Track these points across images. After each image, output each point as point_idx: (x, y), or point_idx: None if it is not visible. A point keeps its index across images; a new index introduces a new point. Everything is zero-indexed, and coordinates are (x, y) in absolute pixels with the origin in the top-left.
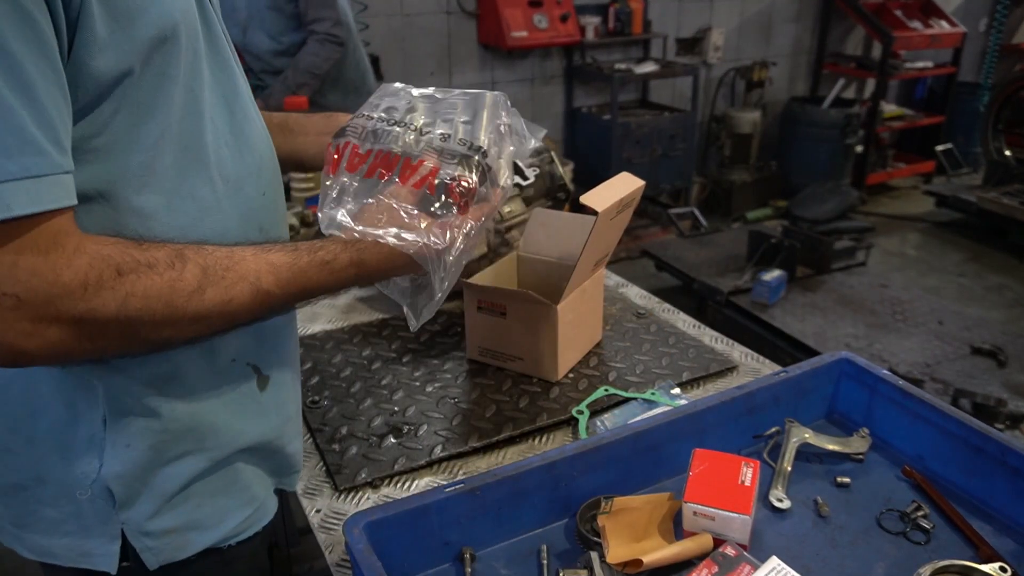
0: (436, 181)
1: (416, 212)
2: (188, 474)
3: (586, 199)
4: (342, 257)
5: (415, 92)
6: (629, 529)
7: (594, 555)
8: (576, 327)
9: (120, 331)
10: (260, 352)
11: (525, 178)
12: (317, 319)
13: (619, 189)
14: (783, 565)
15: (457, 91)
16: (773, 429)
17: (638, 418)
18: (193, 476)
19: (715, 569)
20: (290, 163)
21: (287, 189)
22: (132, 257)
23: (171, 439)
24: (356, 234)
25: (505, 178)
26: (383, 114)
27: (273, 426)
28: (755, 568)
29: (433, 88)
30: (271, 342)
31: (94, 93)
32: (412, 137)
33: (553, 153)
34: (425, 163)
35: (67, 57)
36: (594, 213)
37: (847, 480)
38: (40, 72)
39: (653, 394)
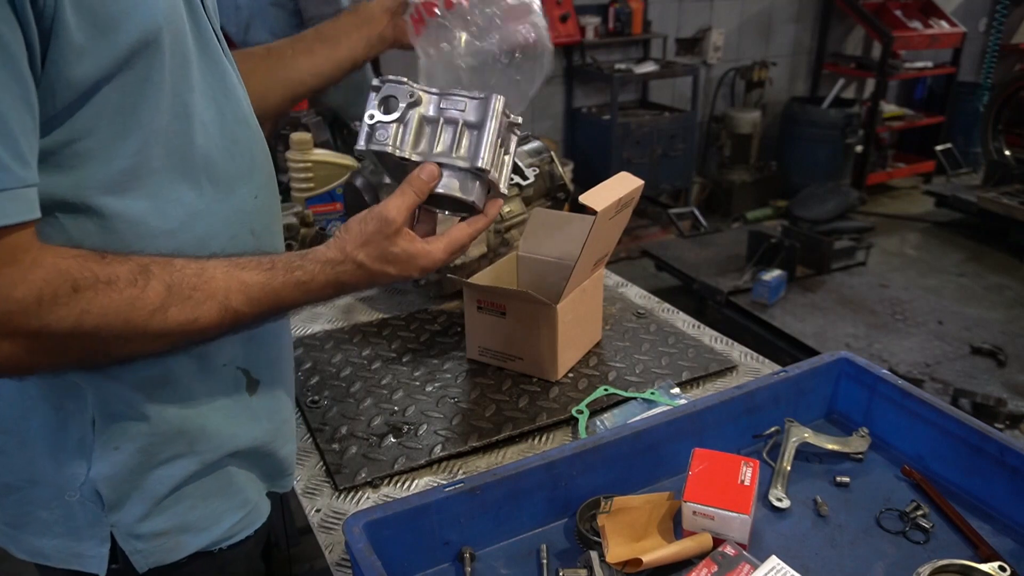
0: None
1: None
2: (179, 477)
3: (585, 198)
4: (320, 278)
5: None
6: (629, 528)
7: (594, 554)
8: (576, 327)
9: (78, 347)
10: (251, 357)
11: (525, 178)
12: (317, 319)
13: (618, 189)
14: (782, 564)
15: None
16: (773, 429)
17: (638, 418)
18: (184, 479)
19: (715, 568)
20: (343, 68)
21: (287, 189)
22: (91, 272)
23: (161, 442)
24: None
25: (504, 182)
26: None
27: (264, 430)
28: (754, 567)
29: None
30: (263, 347)
31: (72, 99)
32: None
33: (553, 153)
34: None
35: (41, 66)
36: (593, 213)
37: (846, 480)
38: (2, 84)
39: (653, 394)
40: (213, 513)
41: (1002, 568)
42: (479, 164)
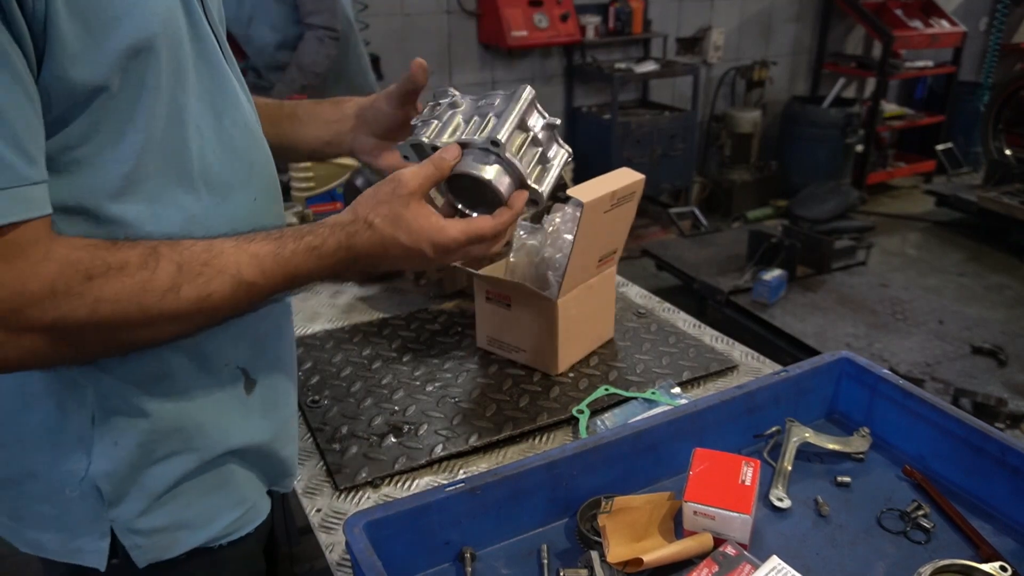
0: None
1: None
2: (177, 473)
3: (573, 191)
4: (330, 241)
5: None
6: (629, 528)
7: (594, 554)
8: (580, 323)
9: (96, 335)
10: (251, 357)
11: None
12: (317, 319)
13: (611, 183)
14: (783, 564)
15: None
16: (773, 428)
17: (638, 417)
18: (182, 475)
19: (715, 568)
20: (300, 152)
21: (287, 189)
22: (103, 260)
23: (159, 438)
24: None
25: (546, 185)
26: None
27: (262, 430)
28: (755, 567)
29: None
30: (263, 346)
31: (69, 105)
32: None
33: None
34: None
35: (38, 69)
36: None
37: (847, 479)
38: (3, 85)
39: (653, 393)
40: (209, 510)
41: (1003, 568)
42: (496, 136)
